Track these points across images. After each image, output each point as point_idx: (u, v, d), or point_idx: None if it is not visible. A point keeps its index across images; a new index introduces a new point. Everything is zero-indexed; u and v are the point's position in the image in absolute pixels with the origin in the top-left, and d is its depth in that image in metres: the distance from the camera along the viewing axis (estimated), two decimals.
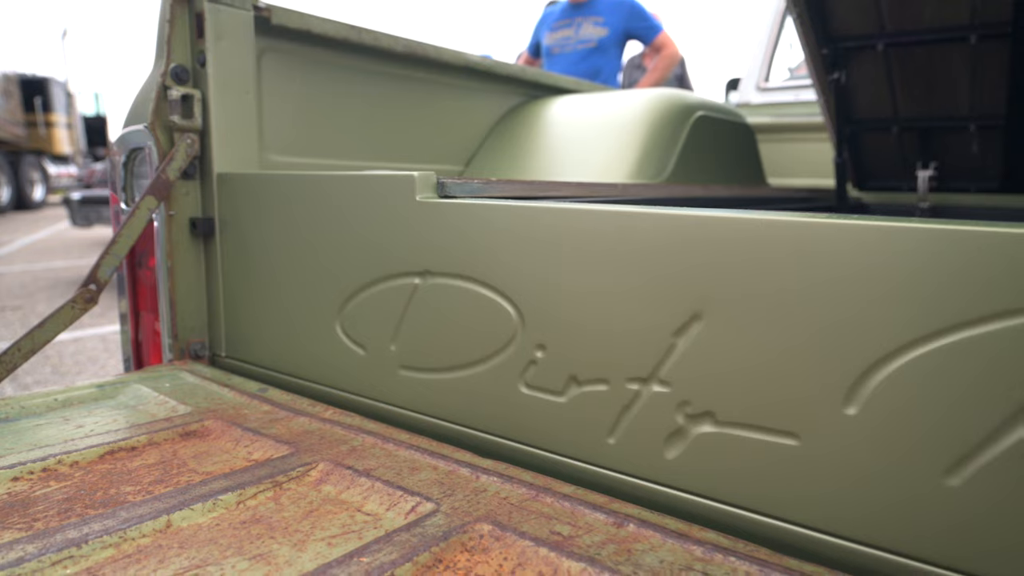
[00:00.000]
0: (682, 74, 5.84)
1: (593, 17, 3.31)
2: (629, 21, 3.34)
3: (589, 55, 3.34)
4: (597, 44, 3.31)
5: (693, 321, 0.68)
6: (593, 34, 3.29)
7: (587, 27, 3.30)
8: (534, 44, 3.62)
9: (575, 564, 0.57)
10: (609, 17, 3.32)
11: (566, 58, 3.39)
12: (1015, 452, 0.53)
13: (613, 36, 3.34)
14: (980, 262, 0.54)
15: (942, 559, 0.56)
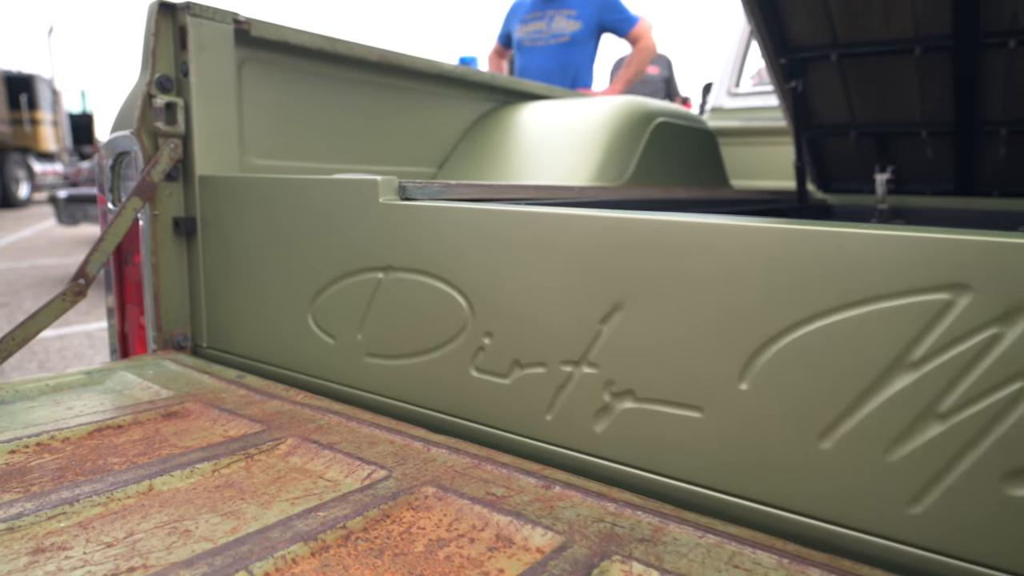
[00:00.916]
0: (669, 76, 5.95)
1: (565, 10, 3.26)
2: (603, 13, 3.29)
3: (563, 50, 3.31)
4: (571, 38, 3.27)
5: (615, 310, 0.77)
6: (566, 28, 3.25)
7: (560, 20, 3.27)
8: (504, 34, 3.56)
9: (503, 518, 0.66)
10: (582, 10, 3.27)
11: (539, 52, 3.35)
12: (870, 420, 0.62)
13: (587, 29, 3.29)
14: (842, 258, 0.63)
15: (817, 512, 0.65)
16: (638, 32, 3.35)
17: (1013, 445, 0.57)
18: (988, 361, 0.57)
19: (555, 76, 3.30)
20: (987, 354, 0.57)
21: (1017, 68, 1.92)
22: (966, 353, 0.58)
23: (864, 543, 0.63)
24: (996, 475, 0.57)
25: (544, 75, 3.27)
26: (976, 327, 0.58)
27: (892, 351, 0.61)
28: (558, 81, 3.28)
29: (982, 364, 0.58)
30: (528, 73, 3.38)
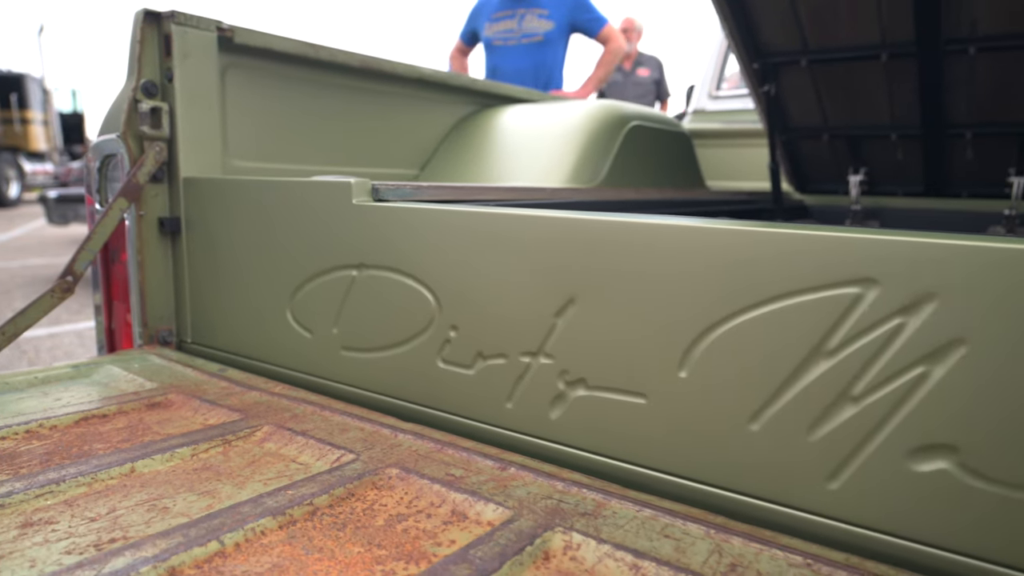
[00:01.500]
0: (660, 78, 6.01)
1: (537, 9, 3.24)
2: (574, 13, 3.30)
3: (536, 49, 3.30)
4: (543, 38, 3.27)
5: (569, 305, 0.83)
6: (538, 27, 3.25)
7: (531, 20, 3.26)
8: (469, 32, 3.50)
9: (459, 495, 0.72)
10: (554, 9, 3.27)
11: (511, 51, 3.33)
12: (793, 404, 0.68)
13: (559, 29, 3.30)
14: (767, 255, 0.69)
15: (745, 488, 0.71)
16: (608, 33, 3.37)
17: (916, 425, 0.62)
18: (894, 348, 0.63)
19: (528, 76, 3.29)
20: (893, 342, 0.63)
21: (979, 73, 1.99)
22: (875, 341, 0.64)
23: (785, 515, 0.68)
24: (902, 452, 0.63)
25: (517, 75, 3.26)
26: (883, 317, 0.64)
27: (811, 341, 0.67)
28: (531, 81, 3.27)
29: (888, 351, 0.63)
30: (500, 72, 3.35)
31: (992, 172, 2.32)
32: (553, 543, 0.64)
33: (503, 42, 3.32)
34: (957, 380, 0.60)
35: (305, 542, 0.63)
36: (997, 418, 0.59)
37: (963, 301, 0.60)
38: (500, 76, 3.35)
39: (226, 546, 0.61)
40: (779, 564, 0.60)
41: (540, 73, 3.28)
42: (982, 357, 0.59)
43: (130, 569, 0.56)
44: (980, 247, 0.59)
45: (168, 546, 0.60)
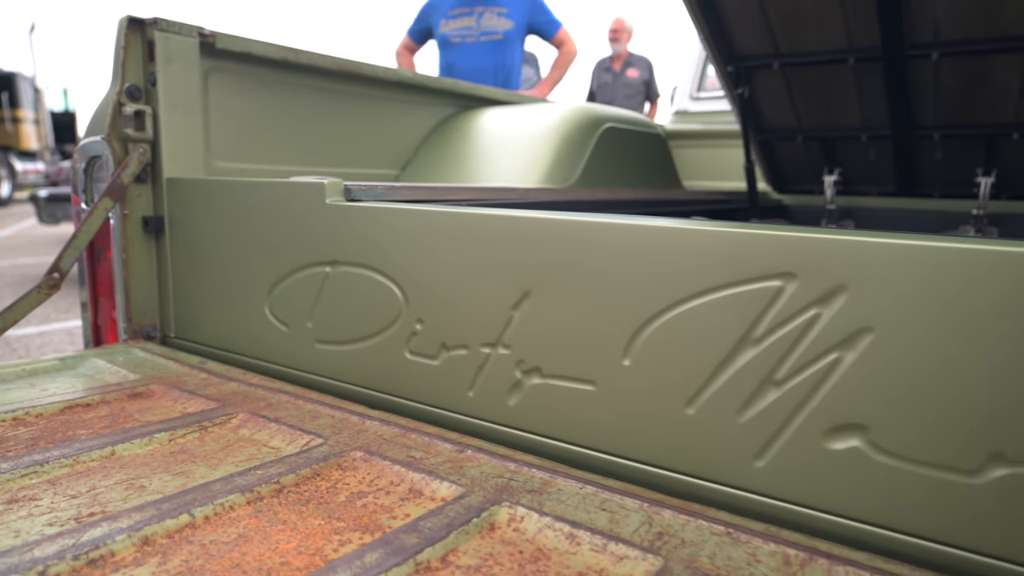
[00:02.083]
0: (649, 79, 6.06)
1: (496, 8, 3.26)
2: (533, 14, 3.34)
3: (497, 48, 3.31)
4: (504, 37, 3.29)
5: (524, 298, 0.88)
6: (498, 26, 3.27)
7: (490, 18, 3.27)
8: (421, 29, 3.46)
9: (418, 475, 0.77)
10: (513, 9, 3.29)
11: (470, 49, 3.33)
12: (725, 388, 0.74)
13: (518, 29, 3.33)
14: (700, 251, 0.74)
15: (681, 467, 0.77)
16: (563, 36, 3.42)
17: (831, 406, 0.68)
18: (811, 336, 0.69)
19: (488, 75, 3.32)
20: (810, 330, 0.69)
21: (943, 77, 2.06)
22: (794, 330, 0.70)
23: (717, 492, 0.74)
24: (819, 432, 0.69)
25: (477, 73, 3.28)
26: (801, 308, 0.69)
27: (739, 330, 0.73)
28: (492, 80, 3.29)
29: (806, 339, 0.69)
30: (459, 70, 3.34)
31: (961, 172, 2.39)
32: (499, 516, 0.69)
33: (461, 39, 3.30)
34: (865, 365, 0.66)
35: (270, 515, 0.69)
36: (900, 399, 0.65)
37: (869, 292, 0.66)
38: (457, 73, 3.32)
39: (196, 519, 0.66)
40: (703, 533, 0.66)
41: (499, 73, 3.30)
42: (886, 344, 0.65)
43: (106, 538, 0.61)
44: (883, 243, 0.65)
45: (142, 518, 0.65)
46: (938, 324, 0.62)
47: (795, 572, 0.60)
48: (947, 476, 0.63)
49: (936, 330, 0.62)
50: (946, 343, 0.62)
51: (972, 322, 0.61)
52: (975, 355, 0.61)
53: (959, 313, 0.61)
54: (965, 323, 0.61)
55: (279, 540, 0.64)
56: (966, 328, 0.61)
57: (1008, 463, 0.60)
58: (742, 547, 0.64)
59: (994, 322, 0.60)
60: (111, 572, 0.58)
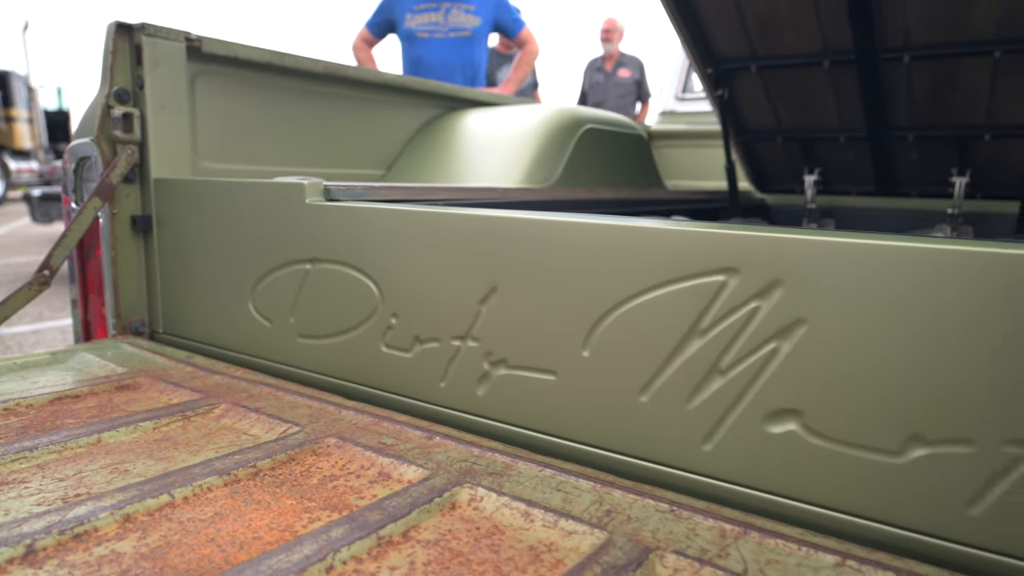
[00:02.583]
0: (641, 79, 6.10)
1: (463, 4, 3.27)
2: (498, 11, 3.37)
3: (466, 45, 3.33)
4: (472, 33, 3.31)
5: (491, 293, 0.93)
6: (466, 22, 3.28)
7: (457, 14, 3.27)
8: (382, 23, 3.41)
9: (387, 459, 0.82)
10: (480, 6, 3.31)
11: (438, 45, 3.32)
12: (675, 377, 0.78)
13: (485, 26, 3.35)
14: (651, 248, 0.79)
15: (634, 452, 0.81)
16: (526, 35, 3.46)
17: (770, 393, 0.73)
18: (752, 327, 0.74)
19: (457, 71, 3.35)
20: (751, 322, 0.74)
21: (915, 79, 2.11)
22: (737, 322, 0.75)
23: (668, 474, 0.79)
24: (760, 416, 0.74)
25: (446, 68, 3.31)
26: (743, 301, 0.74)
27: (687, 322, 0.77)
28: (460, 76, 3.32)
29: (748, 330, 0.74)
30: (427, 65, 3.35)
31: (936, 172, 2.45)
32: (460, 496, 0.74)
33: (429, 34, 3.29)
34: (800, 354, 0.71)
35: (246, 496, 0.73)
36: (830, 386, 0.69)
37: (803, 286, 0.70)
38: (425, 68, 3.32)
39: (176, 499, 0.71)
40: (648, 510, 0.71)
41: (468, 69, 3.33)
42: (818, 334, 0.70)
43: (90, 515, 0.66)
44: (813, 240, 0.70)
45: (125, 498, 0.69)
46: (864, 315, 0.67)
47: (728, 544, 0.64)
48: (873, 456, 0.68)
49: (862, 321, 0.67)
50: (871, 333, 0.67)
51: (893, 313, 0.66)
52: (895, 344, 0.66)
53: (882, 305, 0.66)
54: (887, 314, 0.66)
55: (252, 518, 0.69)
56: (887, 319, 0.66)
57: (926, 443, 0.65)
58: (683, 523, 0.68)
59: (911, 313, 0.65)
60: (94, 546, 0.62)
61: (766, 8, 2.02)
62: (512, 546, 0.65)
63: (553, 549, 0.65)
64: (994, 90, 2.06)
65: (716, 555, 0.62)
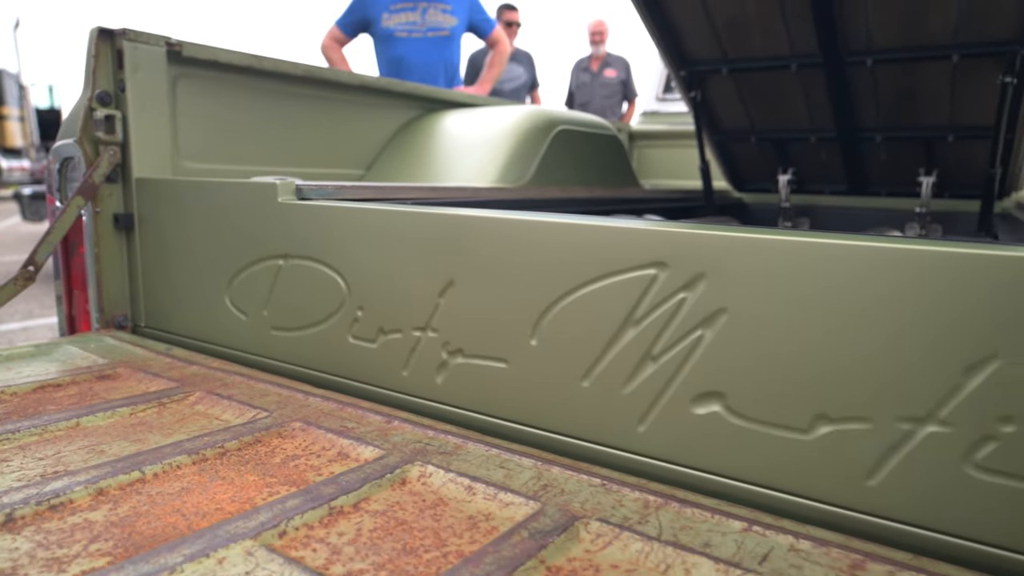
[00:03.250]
0: (627, 79, 6.16)
1: (440, 4, 3.32)
2: (472, 12, 3.44)
3: (445, 44, 3.38)
4: (451, 33, 3.38)
5: (449, 286, 0.99)
6: (444, 22, 3.34)
7: (435, 14, 3.32)
8: (355, 22, 3.40)
9: (347, 441, 0.88)
10: (456, 6, 3.38)
11: (418, 44, 3.36)
12: (613, 364, 0.85)
13: (461, 26, 3.42)
14: (590, 244, 0.85)
15: (577, 433, 0.87)
16: (498, 35, 3.54)
17: (696, 377, 0.79)
18: (679, 317, 0.80)
19: (439, 70, 3.42)
20: (679, 312, 0.80)
21: (880, 82, 2.18)
22: (667, 312, 0.81)
23: (603, 453, 0.85)
24: (687, 399, 0.80)
25: (428, 68, 3.37)
26: (671, 293, 0.80)
27: (623, 312, 0.84)
28: (441, 75, 3.39)
29: (676, 319, 0.80)
30: (409, 64, 3.38)
31: (905, 172, 2.52)
32: (411, 473, 0.80)
33: (407, 33, 3.32)
34: (722, 341, 0.77)
35: (212, 473, 0.79)
36: (749, 370, 0.76)
37: (724, 279, 0.77)
38: (407, 67, 3.36)
39: (146, 475, 0.77)
40: (582, 485, 0.77)
41: (448, 68, 3.40)
42: (738, 322, 0.76)
43: (66, 489, 0.71)
44: (731, 236, 0.76)
45: (99, 474, 0.75)
46: (776, 305, 0.74)
47: (650, 513, 0.71)
48: (785, 434, 0.74)
49: (774, 310, 0.74)
50: (782, 321, 0.73)
51: (800, 303, 0.72)
52: (803, 331, 0.72)
53: (791, 295, 0.73)
54: (795, 304, 0.72)
55: (217, 492, 0.74)
56: (796, 308, 0.72)
57: (831, 421, 0.71)
58: (612, 495, 0.75)
59: (816, 303, 0.71)
60: (69, 515, 0.68)
61: (734, 11, 2.09)
62: (453, 516, 0.71)
63: (490, 518, 0.71)
64: (955, 93, 2.13)
65: (636, 522, 0.69)
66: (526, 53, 5.85)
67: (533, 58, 5.93)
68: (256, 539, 0.63)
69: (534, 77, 5.87)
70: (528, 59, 5.85)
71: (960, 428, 0.65)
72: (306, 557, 0.62)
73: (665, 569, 0.62)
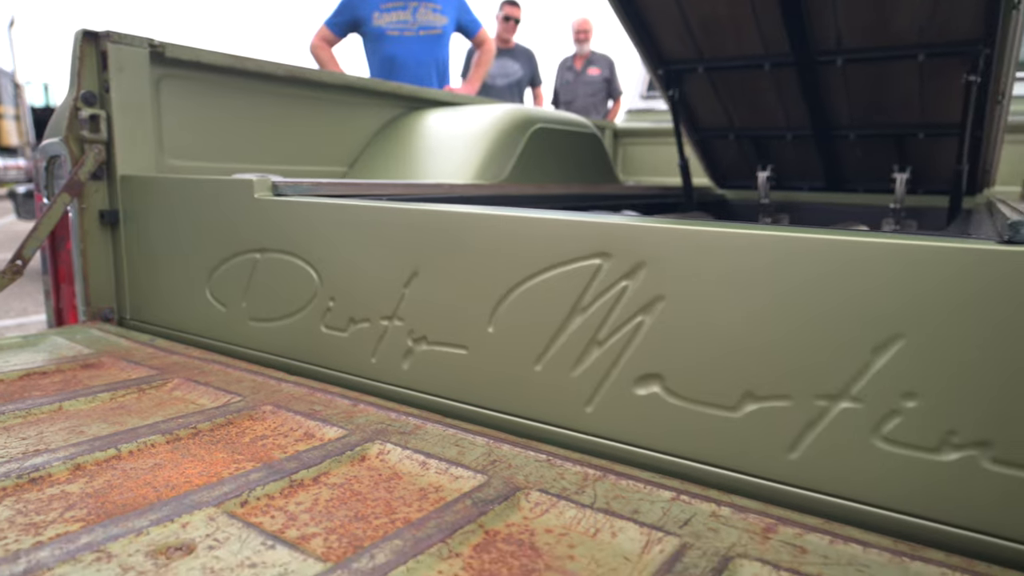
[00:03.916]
0: (610, 77, 6.18)
1: (430, 3, 3.37)
2: (460, 12, 3.51)
3: (436, 43, 3.44)
4: (442, 31, 3.44)
5: (413, 277, 1.04)
6: (435, 21, 3.39)
7: (425, 13, 3.36)
8: (346, 22, 3.43)
9: (314, 423, 0.93)
10: (445, 5, 3.44)
11: (410, 42, 3.40)
12: (562, 348, 0.90)
13: (451, 25, 3.49)
14: (541, 235, 0.91)
15: (529, 414, 0.93)
16: (483, 35, 3.61)
17: (638, 360, 0.85)
18: (622, 304, 0.85)
19: (433, 68, 3.48)
20: (621, 299, 0.85)
21: (851, 81, 2.23)
22: (610, 299, 0.86)
23: (554, 433, 0.91)
24: (630, 381, 0.86)
25: (421, 66, 3.43)
26: (615, 281, 0.86)
27: (571, 300, 0.89)
28: (435, 73, 3.46)
29: (619, 306, 0.86)
30: (403, 63, 3.42)
31: (879, 169, 2.57)
32: (371, 450, 0.85)
33: (399, 32, 3.35)
34: (660, 326, 0.83)
35: (184, 451, 0.84)
36: (684, 353, 0.81)
37: (662, 267, 0.82)
38: (400, 65, 3.40)
39: (122, 452, 0.82)
40: (528, 460, 0.82)
41: (439, 67, 3.46)
42: (674, 308, 0.82)
43: (46, 464, 0.77)
44: (667, 228, 0.81)
45: (77, 451, 0.80)
46: (707, 292, 0.79)
47: (587, 485, 0.76)
48: (717, 412, 0.80)
49: (706, 297, 0.79)
50: (713, 307, 0.79)
51: (729, 289, 0.78)
52: (732, 316, 0.78)
53: (720, 282, 0.78)
54: (724, 291, 0.78)
55: (187, 467, 0.80)
56: (724, 294, 0.78)
57: (757, 399, 0.77)
58: (555, 469, 0.80)
59: (742, 289, 0.77)
60: (47, 487, 0.73)
61: (708, 12, 2.14)
62: (406, 488, 0.77)
63: (440, 490, 0.76)
64: (923, 91, 2.18)
65: (574, 492, 0.74)
66: (526, 49, 5.75)
67: (534, 55, 5.84)
68: (219, 507, 0.69)
69: (535, 74, 5.76)
70: (528, 56, 5.74)
71: (869, 404, 0.71)
72: (264, 523, 0.67)
73: (594, 533, 0.67)
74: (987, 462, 0.65)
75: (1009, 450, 0.64)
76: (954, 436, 0.67)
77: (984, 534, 0.65)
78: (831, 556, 0.63)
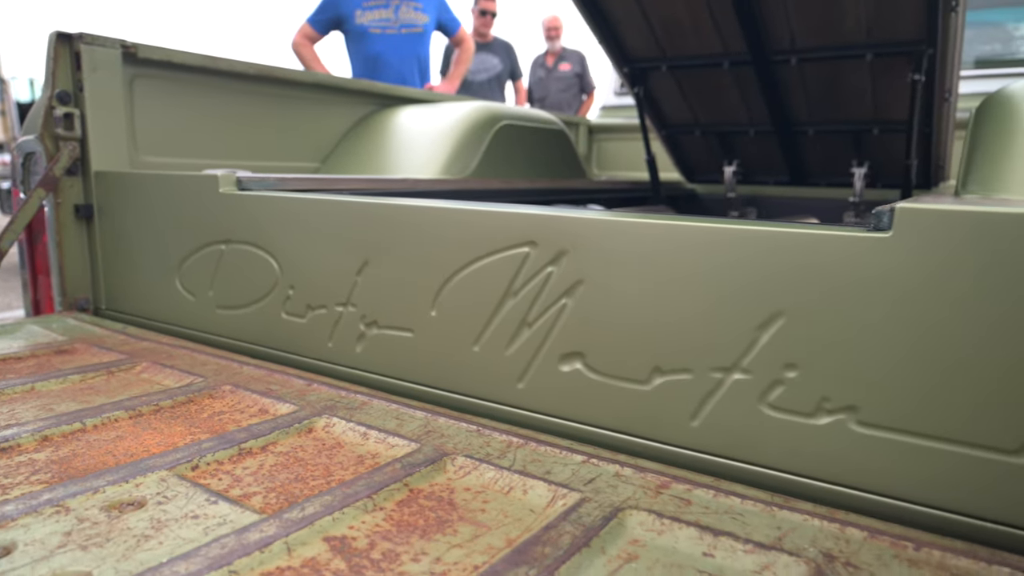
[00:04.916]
0: (582, 72, 6.22)
1: (412, 2, 3.43)
2: (440, 11, 3.58)
3: (418, 41, 3.50)
4: (424, 30, 3.50)
5: (365, 266, 1.12)
6: (416, 19, 3.45)
7: (407, 11, 3.42)
8: (327, 19, 3.47)
9: (268, 400, 1.01)
10: (426, 4, 3.50)
11: (393, 40, 3.45)
12: (497, 330, 0.98)
13: (432, 23, 3.55)
14: (478, 226, 0.98)
15: (467, 391, 1.01)
16: (463, 34, 3.68)
17: (562, 340, 0.93)
18: (548, 288, 0.93)
19: (415, 65, 3.56)
20: (547, 284, 0.93)
21: (807, 79, 2.32)
22: (537, 284, 0.94)
23: (487, 407, 0.98)
24: (556, 359, 0.93)
25: (404, 64, 3.50)
26: (541, 267, 0.94)
27: (503, 285, 0.97)
28: (417, 71, 3.54)
29: (545, 290, 0.94)
30: (386, 61, 3.48)
31: (839, 164, 2.66)
32: (318, 423, 0.93)
33: (382, 30, 3.40)
34: (581, 308, 0.91)
35: (144, 425, 0.92)
36: (601, 332, 0.89)
37: (581, 254, 0.90)
38: (384, 63, 3.46)
39: (87, 426, 0.90)
40: (460, 430, 0.90)
41: (421, 65, 3.54)
42: (593, 291, 0.90)
43: (15, 436, 0.84)
44: (586, 218, 0.89)
45: (44, 425, 0.88)
46: (619, 275, 0.87)
47: (509, 451, 0.84)
48: (630, 386, 0.88)
49: (620, 280, 0.87)
50: (625, 289, 0.87)
51: (638, 273, 0.86)
52: (641, 297, 0.86)
53: (631, 267, 0.86)
54: (634, 274, 0.86)
55: (146, 439, 0.87)
56: (634, 278, 0.86)
57: (663, 373, 0.85)
58: (483, 438, 0.88)
59: (650, 273, 0.85)
60: (16, 456, 0.81)
61: (668, 12, 2.22)
62: (345, 455, 0.84)
63: (376, 456, 0.84)
64: (875, 89, 2.27)
65: (496, 457, 0.82)
66: (504, 43, 5.75)
67: (513, 48, 5.86)
68: (171, 470, 0.76)
69: (515, 67, 5.78)
70: (506, 49, 5.74)
71: (757, 375, 0.79)
72: (211, 484, 0.75)
73: (508, 490, 0.75)
74: (854, 424, 0.74)
75: (872, 414, 0.73)
76: (827, 402, 0.75)
77: (849, 487, 0.74)
78: (711, 507, 0.71)
